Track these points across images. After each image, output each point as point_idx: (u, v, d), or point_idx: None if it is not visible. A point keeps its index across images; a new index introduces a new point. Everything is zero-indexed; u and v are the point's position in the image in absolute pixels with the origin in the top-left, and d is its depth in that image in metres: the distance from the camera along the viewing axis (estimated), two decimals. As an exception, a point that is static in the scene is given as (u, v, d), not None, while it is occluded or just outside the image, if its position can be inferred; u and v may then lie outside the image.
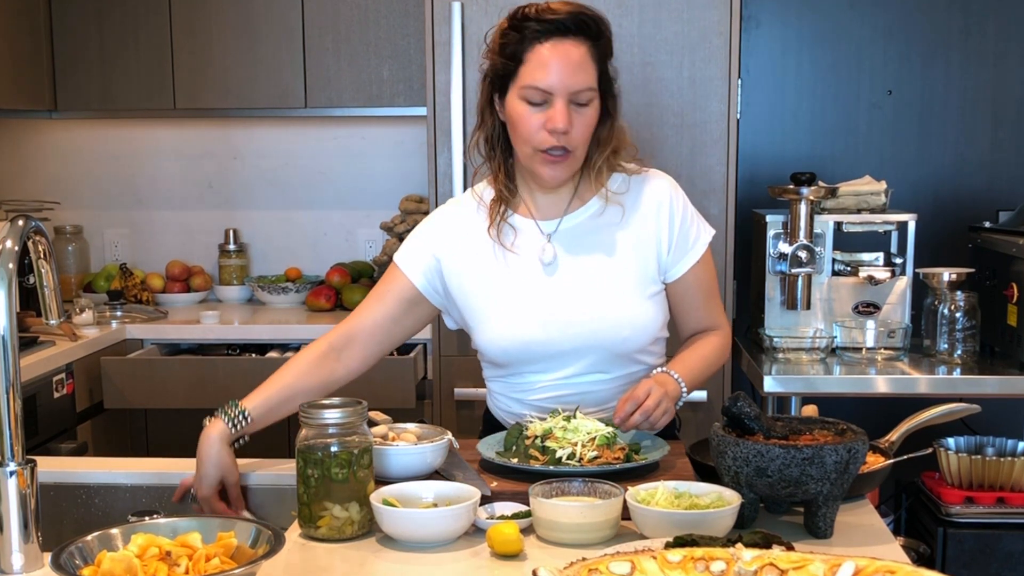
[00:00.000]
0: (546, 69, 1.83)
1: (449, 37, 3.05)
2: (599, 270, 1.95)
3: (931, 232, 3.43)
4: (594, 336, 1.92)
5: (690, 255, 1.99)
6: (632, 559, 1.27)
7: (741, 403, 1.65)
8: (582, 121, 1.87)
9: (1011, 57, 3.55)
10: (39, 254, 1.54)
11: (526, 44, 1.85)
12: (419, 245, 2.02)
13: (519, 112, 1.87)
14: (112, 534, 1.41)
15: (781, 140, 3.64)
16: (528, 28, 1.85)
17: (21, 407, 1.48)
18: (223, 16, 3.59)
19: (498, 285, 1.96)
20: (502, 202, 1.97)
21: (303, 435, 1.62)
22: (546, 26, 1.84)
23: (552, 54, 1.84)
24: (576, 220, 1.97)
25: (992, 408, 2.64)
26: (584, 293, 1.94)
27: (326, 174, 3.96)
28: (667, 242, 1.97)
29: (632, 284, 1.95)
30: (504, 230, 1.97)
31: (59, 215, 3.92)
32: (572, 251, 1.96)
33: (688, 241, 1.99)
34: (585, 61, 1.85)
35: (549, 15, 1.84)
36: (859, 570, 1.22)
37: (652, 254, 1.97)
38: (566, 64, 1.83)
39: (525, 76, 1.85)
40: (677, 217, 1.98)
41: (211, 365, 3.27)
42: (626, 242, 1.96)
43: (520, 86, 1.86)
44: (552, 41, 1.84)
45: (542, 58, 1.84)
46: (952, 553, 2.77)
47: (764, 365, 2.96)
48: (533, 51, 1.85)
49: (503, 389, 2.05)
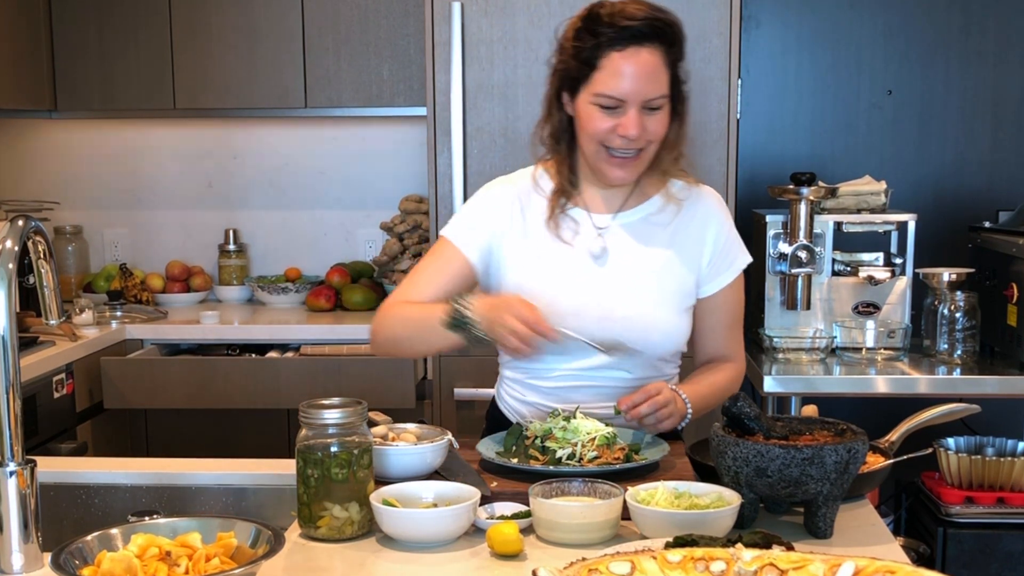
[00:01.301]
0: (620, 78, 1.83)
1: (449, 37, 3.05)
2: (644, 271, 1.97)
3: (931, 232, 3.43)
4: (626, 334, 1.92)
5: (725, 275, 2.02)
6: (632, 559, 1.27)
7: (741, 403, 1.66)
8: (653, 125, 1.88)
9: (1011, 57, 3.55)
10: (39, 254, 1.54)
11: (601, 51, 1.84)
12: (475, 222, 2.00)
13: (590, 115, 1.87)
14: (112, 534, 1.41)
15: (781, 140, 3.64)
16: (603, 34, 1.83)
17: (21, 407, 1.47)
18: (223, 16, 3.59)
19: (547, 270, 1.97)
20: (563, 195, 1.98)
21: (303, 435, 1.62)
22: (621, 33, 1.82)
23: (627, 63, 1.83)
24: (630, 219, 1.99)
25: (992, 408, 2.63)
26: (626, 291, 1.95)
27: (326, 174, 3.96)
28: (708, 257, 2.00)
29: (671, 292, 1.98)
30: (561, 221, 1.98)
31: (59, 215, 3.92)
32: (622, 248, 1.98)
33: (726, 261, 2.02)
34: (659, 69, 1.85)
35: (625, 21, 1.82)
36: (859, 570, 1.22)
37: (694, 266, 1.99)
38: (640, 73, 1.83)
39: (598, 83, 1.85)
40: (723, 235, 2.01)
41: (211, 365, 3.27)
42: (673, 249, 1.98)
43: (593, 92, 1.86)
44: (628, 49, 1.83)
45: (616, 67, 1.83)
46: (952, 553, 2.77)
47: (764, 365, 2.96)
48: (608, 58, 1.84)
49: (519, 375, 2.05)
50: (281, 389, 3.21)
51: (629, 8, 1.84)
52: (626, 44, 1.83)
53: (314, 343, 3.40)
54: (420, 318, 1.91)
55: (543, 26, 3.06)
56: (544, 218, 1.98)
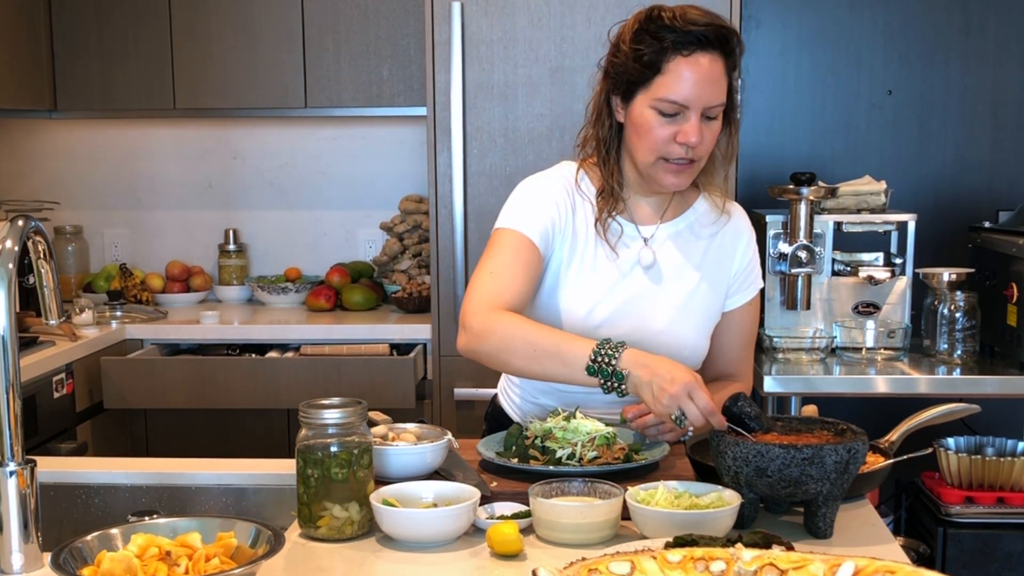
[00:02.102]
0: (686, 83, 1.81)
1: (449, 37, 3.05)
2: (684, 287, 1.97)
3: (931, 232, 3.43)
4: (656, 345, 1.89)
5: (744, 293, 2.04)
6: (632, 559, 1.27)
7: (741, 403, 1.66)
8: (710, 134, 1.87)
9: (1011, 57, 3.55)
10: (39, 254, 1.54)
11: (666, 55, 1.81)
12: (540, 213, 1.94)
13: (648, 121, 1.85)
14: (112, 534, 1.41)
15: (781, 140, 3.64)
16: (667, 38, 1.80)
17: (21, 407, 1.47)
18: (223, 16, 3.59)
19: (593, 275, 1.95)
20: (613, 199, 1.95)
21: (303, 435, 1.62)
22: (687, 37, 1.80)
23: (692, 68, 1.80)
24: (673, 228, 1.99)
25: (992, 408, 2.64)
26: (667, 305, 1.95)
27: (326, 174, 3.96)
28: (734, 271, 2.01)
29: (706, 306, 1.99)
30: (609, 226, 1.96)
31: (59, 215, 3.92)
32: (666, 260, 1.97)
33: (748, 279, 2.04)
34: (720, 76, 1.83)
35: (691, 26, 1.80)
36: (859, 570, 1.22)
37: (723, 282, 2.01)
38: (705, 79, 1.81)
39: (661, 87, 1.82)
40: (749, 252, 2.03)
41: (211, 365, 3.27)
42: (708, 263, 1.99)
43: (654, 96, 1.83)
44: (694, 55, 1.80)
45: (682, 72, 1.81)
46: (952, 553, 2.77)
47: (764, 365, 2.96)
48: (673, 62, 1.81)
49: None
50: (281, 389, 3.21)
51: (691, 13, 1.82)
52: (692, 49, 1.80)
53: (314, 343, 3.40)
54: (551, 344, 1.79)
55: (543, 26, 3.06)
56: (590, 220, 1.96)
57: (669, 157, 1.86)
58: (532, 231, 1.92)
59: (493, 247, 1.93)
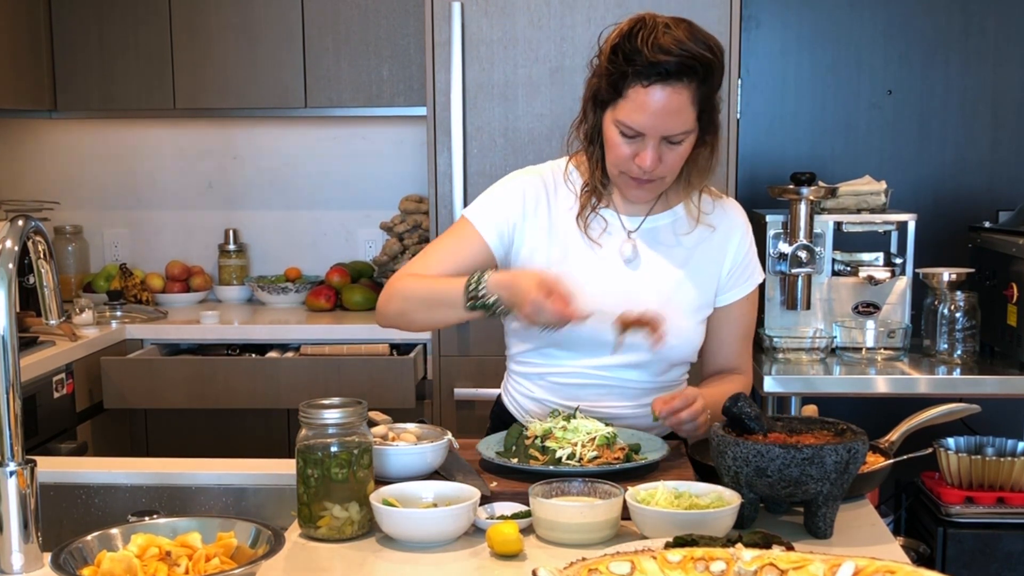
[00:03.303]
0: (642, 114, 1.81)
1: (449, 37, 3.05)
2: (668, 277, 1.97)
3: (931, 232, 3.43)
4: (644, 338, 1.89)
5: (742, 287, 2.03)
6: (632, 559, 1.27)
7: (741, 403, 1.66)
8: (672, 157, 1.87)
9: (1011, 57, 3.55)
10: (39, 254, 1.54)
11: (628, 80, 1.81)
12: (499, 207, 1.98)
13: (611, 138, 1.87)
14: (112, 534, 1.41)
15: (781, 140, 3.64)
16: (635, 62, 1.79)
17: (21, 407, 1.47)
18: (223, 16, 3.59)
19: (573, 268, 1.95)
20: (594, 194, 1.97)
21: (303, 435, 1.62)
22: (650, 69, 1.79)
23: (650, 100, 1.80)
24: (658, 223, 2.00)
25: (992, 408, 2.64)
26: (651, 295, 1.95)
27: (326, 174, 3.96)
28: (728, 267, 2.01)
29: (692, 298, 1.98)
30: (591, 220, 1.97)
31: (59, 215, 3.92)
32: (649, 252, 1.98)
33: (744, 274, 2.03)
34: (684, 107, 1.82)
35: (659, 55, 1.77)
36: (859, 570, 1.22)
37: (714, 277, 2.01)
38: (663, 111, 1.80)
39: (621, 111, 1.83)
40: (744, 247, 2.03)
41: (211, 365, 3.27)
42: (695, 258, 1.99)
43: (615, 117, 1.85)
44: (654, 86, 1.80)
45: (640, 101, 1.81)
46: (952, 553, 2.78)
47: (764, 365, 2.96)
48: (633, 90, 1.81)
49: (528, 370, 2.04)
50: (281, 389, 3.21)
51: (664, 39, 1.79)
52: (651, 81, 1.79)
53: (314, 343, 3.40)
54: (437, 291, 1.88)
55: (543, 26, 3.06)
56: (572, 213, 1.97)
57: (630, 173, 1.88)
58: (486, 223, 1.98)
59: (445, 232, 2.05)
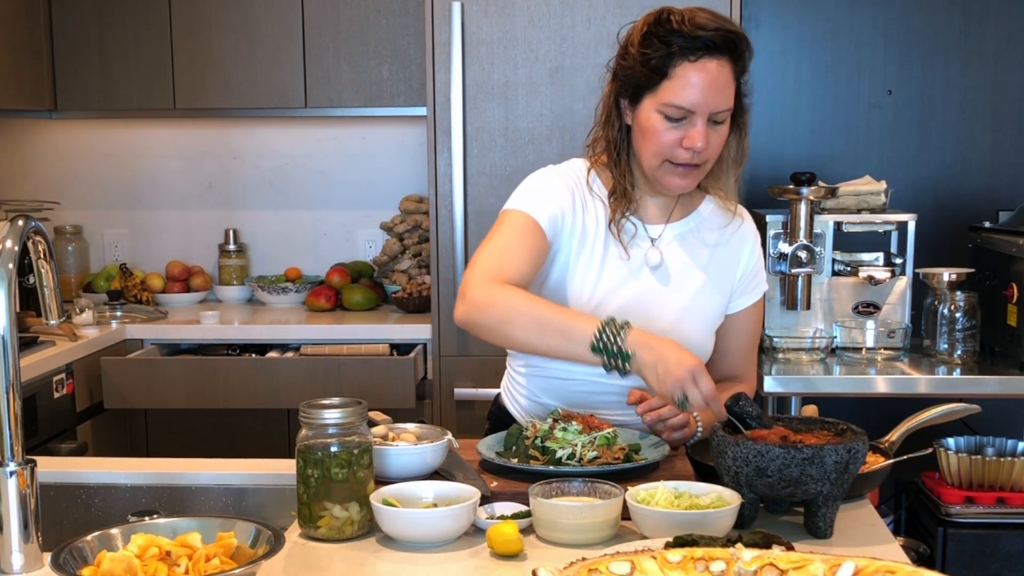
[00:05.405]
0: (692, 89, 1.80)
1: (449, 37, 3.05)
2: (692, 284, 1.98)
3: (931, 232, 3.43)
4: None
5: (750, 296, 2.04)
6: (632, 559, 1.27)
7: (742, 403, 1.66)
8: (717, 138, 1.87)
9: (1011, 57, 3.55)
10: (39, 254, 1.54)
11: (673, 60, 1.80)
12: (550, 197, 1.92)
13: (654, 125, 1.85)
14: (112, 534, 1.41)
15: (781, 140, 3.64)
16: (674, 42, 1.79)
17: (21, 407, 1.47)
18: (223, 16, 3.59)
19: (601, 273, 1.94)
20: (626, 200, 1.94)
21: (303, 435, 1.62)
22: (694, 43, 1.79)
23: (699, 74, 1.80)
24: (679, 229, 2.00)
25: (992, 408, 2.63)
26: (674, 305, 1.95)
27: (326, 174, 3.96)
28: (740, 274, 2.02)
29: (710, 308, 1.99)
30: (623, 227, 1.95)
31: (59, 215, 3.92)
32: (673, 261, 1.98)
33: (754, 281, 2.05)
34: (728, 81, 1.84)
35: (698, 31, 1.79)
36: (859, 570, 1.22)
37: (728, 285, 2.01)
38: (712, 85, 1.81)
39: (668, 92, 1.82)
40: (755, 255, 2.04)
41: (211, 365, 3.27)
42: (713, 265, 2.00)
43: (661, 101, 1.83)
44: (701, 60, 1.80)
45: (689, 77, 1.80)
46: (952, 553, 2.77)
47: (764, 365, 2.96)
48: (680, 68, 1.80)
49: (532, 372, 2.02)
50: (281, 389, 3.21)
51: (700, 17, 1.81)
52: (699, 55, 1.80)
53: (314, 343, 3.40)
54: (556, 319, 1.78)
55: (543, 26, 3.06)
56: (600, 219, 1.95)
57: (674, 160, 1.87)
58: (541, 215, 1.90)
59: (500, 226, 1.91)
